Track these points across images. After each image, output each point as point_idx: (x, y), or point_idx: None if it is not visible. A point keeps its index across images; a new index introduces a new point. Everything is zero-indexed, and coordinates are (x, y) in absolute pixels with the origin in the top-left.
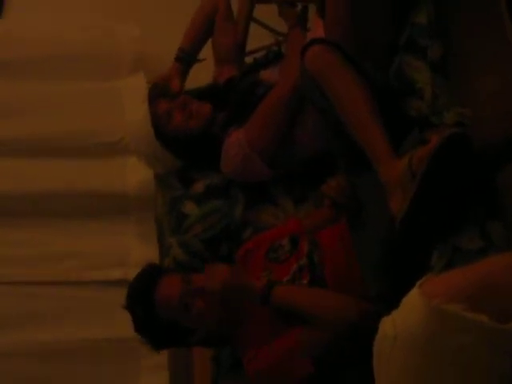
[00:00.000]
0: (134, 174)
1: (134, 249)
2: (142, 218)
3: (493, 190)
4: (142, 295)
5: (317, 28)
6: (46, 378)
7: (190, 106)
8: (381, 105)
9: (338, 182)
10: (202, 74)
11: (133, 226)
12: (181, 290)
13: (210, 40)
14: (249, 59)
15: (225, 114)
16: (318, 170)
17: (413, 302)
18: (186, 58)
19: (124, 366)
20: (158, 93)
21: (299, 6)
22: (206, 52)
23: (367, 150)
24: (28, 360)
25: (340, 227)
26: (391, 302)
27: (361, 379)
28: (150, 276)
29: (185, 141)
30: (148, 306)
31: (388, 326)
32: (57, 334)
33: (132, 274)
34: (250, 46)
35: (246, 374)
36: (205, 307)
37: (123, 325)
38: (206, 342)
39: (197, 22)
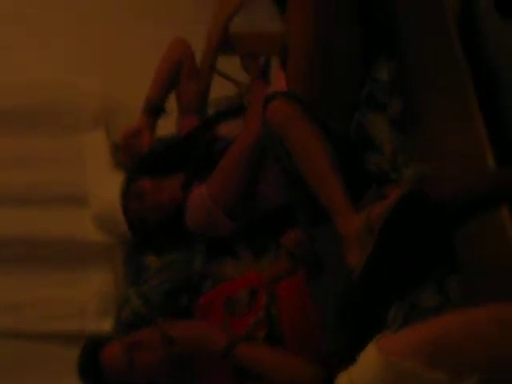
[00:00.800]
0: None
1: (92, 298)
2: (101, 267)
3: (451, 247)
4: (88, 368)
5: (279, 80)
6: None
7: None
8: (340, 159)
9: (295, 235)
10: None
11: (92, 274)
12: (122, 350)
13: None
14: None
15: (184, 175)
16: (280, 222)
17: (370, 357)
18: (154, 109)
19: None
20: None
21: (262, 59)
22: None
23: (326, 203)
24: None
25: (297, 279)
26: (348, 357)
27: None
28: (92, 348)
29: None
30: (95, 376)
31: (344, 380)
32: None
33: (90, 325)
34: (213, 95)
35: None
36: (150, 360)
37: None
38: None
39: (162, 72)
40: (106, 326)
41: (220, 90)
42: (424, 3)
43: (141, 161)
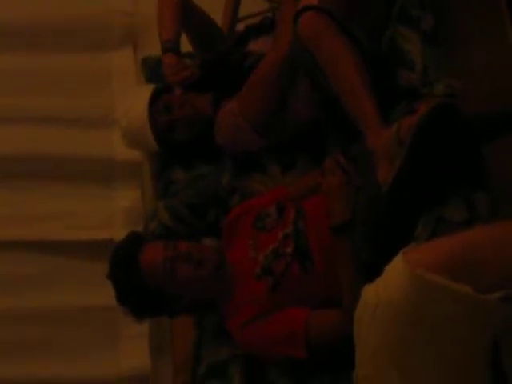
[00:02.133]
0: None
1: (119, 213)
2: (128, 184)
3: (480, 162)
4: (125, 263)
5: None
6: (28, 342)
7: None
8: (371, 73)
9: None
10: None
11: (119, 191)
12: (164, 255)
13: None
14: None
15: (214, 93)
16: (308, 138)
17: (396, 270)
18: (175, 47)
19: (104, 335)
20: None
21: None
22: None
23: (356, 117)
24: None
25: (324, 197)
26: (375, 270)
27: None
28: (132, 244)
29: (184, 146)
30: (131, 273)
31: (370, 293)
32: (38, 300)
33: (118, 235)
34: (242, 13)
35: (236, 340)
36: (192, 273)
37: (106, 293)
38: (190, 309)
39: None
40: None
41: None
42: None
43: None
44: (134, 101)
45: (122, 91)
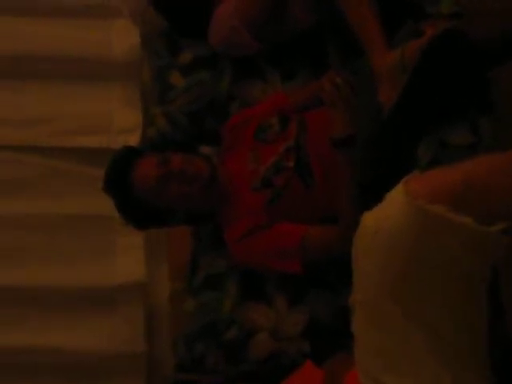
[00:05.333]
0: (120, 39)
1: (117, 115)
2: (127, 85)
3: (485, 87)
4: (118, 177)
5: None
6: (20, 248)
7: None
8: None
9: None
10: None
11: (117, 92)
12: (157, 173)
13: None
14: None
15: None
16: (308, 47)
17: (397, 199)
18: None
19: (99, 244)
20: None
21: None
22: None
23: (361, 36)
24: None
25: (326, 111)
26: (375, 195)
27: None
28: (126, 158)
29: (173, 4)
30: (125, 187)
31: (370, 220)
32: (31, 206)
33: (115, 142)
34: None
35: (230, 253)
36: (184, 190)
37: (101, 201)
38: (187, 221)
39: None
40: (133, 143)
41: None
42: None
43: None
44: None
45: None
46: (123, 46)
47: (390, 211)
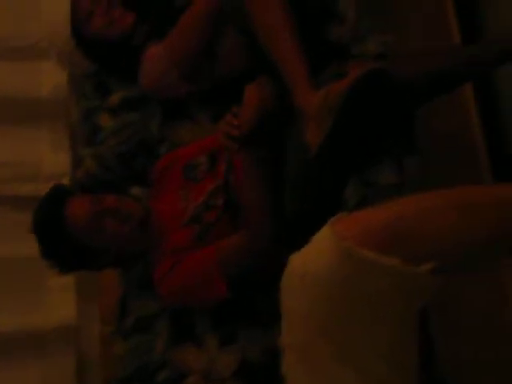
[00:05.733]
0: (49, 80)
1: (46, 159)
2: (55, 126)
3: (410, 126)
4: (50, 217)
5: None
6: None
7: (112, 13)
8: (301, 27)
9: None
10: None
11: (46, 134)
12: (91, 209)
13: None
14: None
15: (147, 27)
16: (237, 89)
17: (324, 241)
18: None
19: (30, 286)
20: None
21: None
22: None
23: (286, 76)
24: None
25: None
26: (302, 237)
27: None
28: (57, 197)
29: (101, 47)
30: (56, 229)
31: (297, 263)
32: None
33: (44, 189)
34: None
35: (158, 294)
36: (119, 228)
37: (31, 244)
38: (118, 262)
39: None
40: None
41: None
42: None
43: None
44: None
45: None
46: (51, 87)
47: (317, 253)
